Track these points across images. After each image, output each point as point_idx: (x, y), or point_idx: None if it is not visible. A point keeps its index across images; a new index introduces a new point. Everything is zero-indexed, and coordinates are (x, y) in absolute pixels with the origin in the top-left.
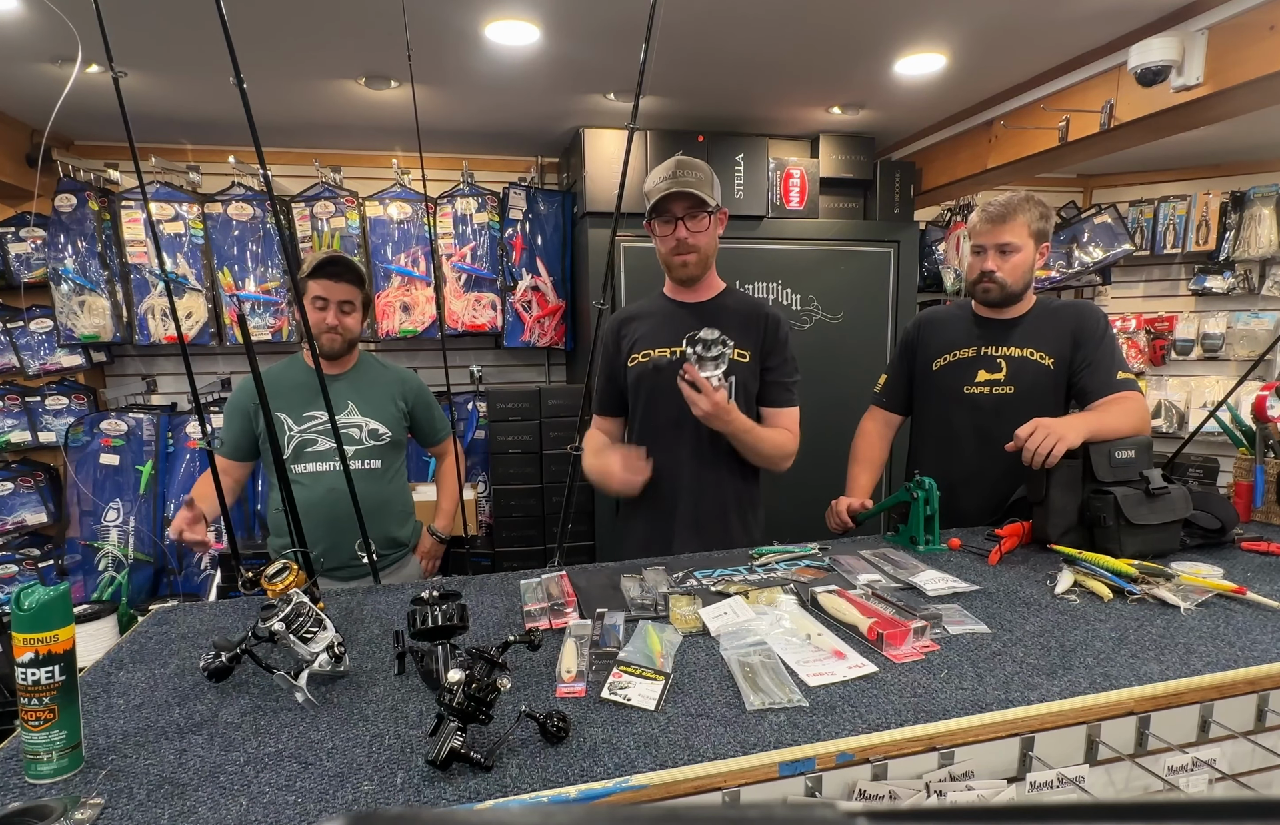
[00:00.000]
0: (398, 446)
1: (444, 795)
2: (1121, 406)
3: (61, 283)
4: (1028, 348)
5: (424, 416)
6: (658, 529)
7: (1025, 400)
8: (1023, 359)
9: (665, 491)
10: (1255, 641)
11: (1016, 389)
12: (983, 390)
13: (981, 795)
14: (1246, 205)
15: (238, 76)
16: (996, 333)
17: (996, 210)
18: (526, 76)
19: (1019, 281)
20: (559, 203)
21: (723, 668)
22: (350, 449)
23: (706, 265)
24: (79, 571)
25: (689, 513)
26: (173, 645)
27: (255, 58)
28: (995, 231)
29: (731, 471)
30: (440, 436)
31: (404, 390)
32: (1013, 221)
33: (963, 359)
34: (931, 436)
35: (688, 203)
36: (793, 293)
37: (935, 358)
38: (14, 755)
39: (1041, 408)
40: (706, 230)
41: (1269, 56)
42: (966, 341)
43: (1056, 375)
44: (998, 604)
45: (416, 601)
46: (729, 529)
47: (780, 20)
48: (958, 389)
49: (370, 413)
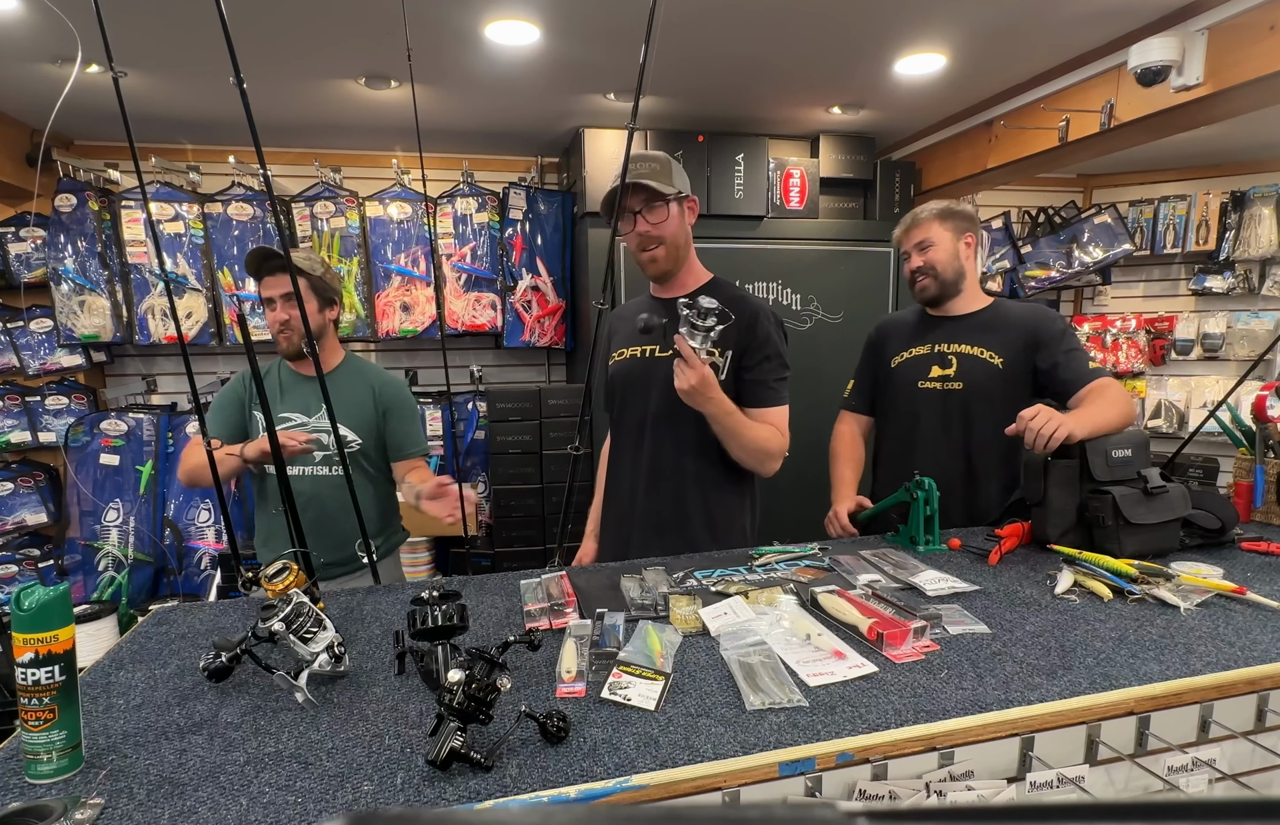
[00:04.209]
0: (369, 455)
1: (444, 795)
2: (1108, 396)
3: (61, 283)
4: (977, 346)
5: (396, 426)
6: (620, 531)
7: (973, 397)
8: (973, 356)
9: (626, 492)
10: (1255, 641)
11: (965, 385)
12: (935, 386)
13: (981, 795)
14: (1246, 205)
15: (238, 76)
16: (948, 330)
17: (908, 218)
18: (526, 76)
19: (947, 269)
20: (559, 203)
21: (723, 668)
22: (318, 454)
23: (677, 258)
24: (79, 571)
25: (648, 515)
26: (173, 645)
27: (255, 58)
28: (910, 235)
29: (697, 477)
30: (409, 452)
31: (382, 396)
32: (922, 221)
33: (918, 355)
34: (893, 433)
35: (643, 195)
36: (793, 293)
37: (893, 356)
38: (14, 755)
39: (990, 406)
40: (668, 221)
41: (1269, 56)
42: (921, 339)
43: (1006, 376)
44: (998, 604)
45: (416, 601)
46: (689, 534)
47: (780, 20)
48: (913, 384)
49: (341, 417)
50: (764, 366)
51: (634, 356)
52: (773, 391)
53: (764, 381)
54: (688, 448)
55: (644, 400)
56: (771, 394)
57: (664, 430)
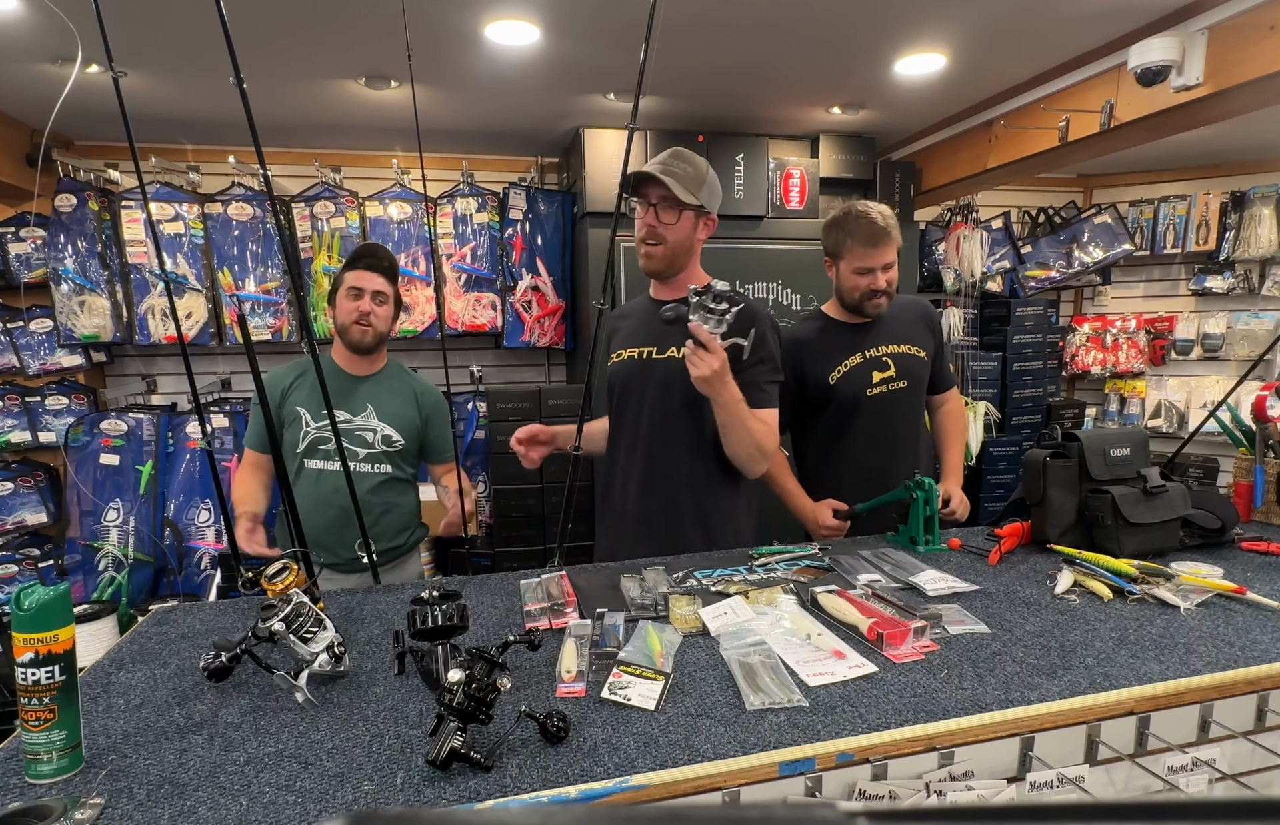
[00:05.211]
0: (408, 455)
1: (444, 795)
2: (960, 425)
3: (61, 283)
4: (904, 343)
5: (437, 433)
6: (616, 532)
7: (914, 391)
8: (905, 354)
9: (619, 492)
10: (1255, 641)
11: (908, 383)
12: (882, 390)
13: (981, 795)
14: (1246, 205)
15: (238, 76)
16: (873, 335)
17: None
18: (526, 76)
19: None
20: (559, 203)
21: (723, 668)
22: (362, 452)
23: (673, 262)
24: (79, 571)
25: (641, 516)
26: (173, 645)
27: (255, 58)
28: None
29: (689, 480)
30: (446, 456)
31: (423, 402)
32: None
33: (854, 366)
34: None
35: (663, 191)
36: (793, 293)
37: (829, 373)
38: (14, 755)
39: (922, 396)
40: (677, 226)
41: (1269, 56)
42: (849, 350)
43: (928, 364)
44: (998, 604)
45: (416, 601)
46: (681, 535)
47: (780, 20)
48: (859, 394)
49: (387, 418)
50: (757, 368)
51: (632, 358)
52: (764, 393)
53: (756, 383)
54: (684, 449)
55: (640, 401)
56: (763, 395)
57: (660, 431)
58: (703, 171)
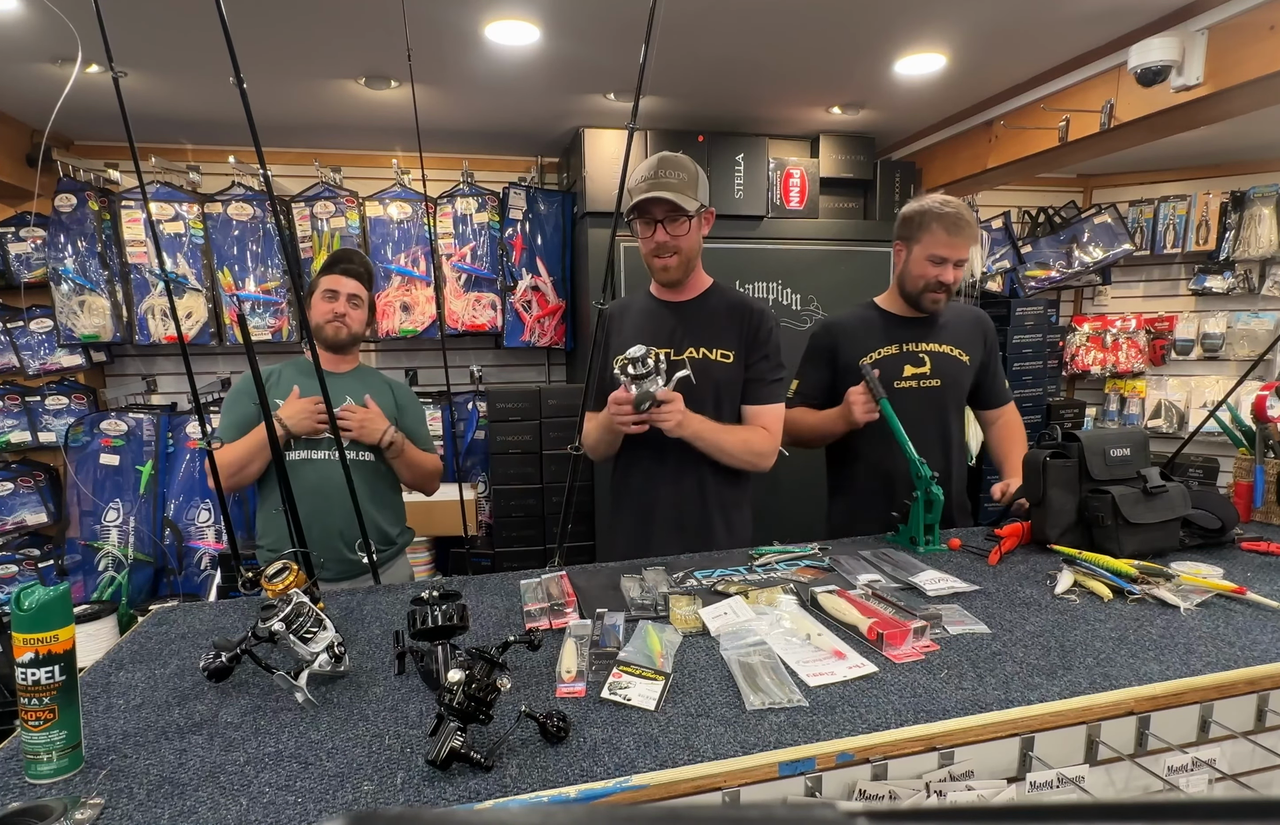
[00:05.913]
0: None
1: (444, 795)
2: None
3: (61, 283)
4: (947, 344)
5: (412, 419)
6: (639, 531)
7: (949, 392)
8: (945, 355)
9: (646, 494)
10: (1255, 641)
11: (942, 382)
12: (911, 384)
13: (981, 795)
14: (1246, 205)
15: (238, 76)
16: (917, 331)
17: (961, 221)
18: (526, 76)
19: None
20: (559, 203)
21: (723, 668)
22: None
23: (688, 267)
24: (79, 571)
25: (669, 515)
26: (173, 645)
27: (255, 58)
28: (957, 247)
29: (713, 473)
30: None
31: (398, 392)
32: (969, 237)
33: (888, 356)
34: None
35: (668, 206)
36: (793, 293)
37: (860, 357)
38: (14, 755)
39: (958, 400)
40: (687, 234)
41: (1269, 56)
42: (886, 341)
43: (971, 370)
44: (998, 604)
45: (416, 601)
46: (712, 531)
47: (780, 20)
48: (888, 384)
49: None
50: (762, 365)
51: None
52: (769, 389)
53: (762, 379)
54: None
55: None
56: (768, 391)
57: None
58: (693, 172)
